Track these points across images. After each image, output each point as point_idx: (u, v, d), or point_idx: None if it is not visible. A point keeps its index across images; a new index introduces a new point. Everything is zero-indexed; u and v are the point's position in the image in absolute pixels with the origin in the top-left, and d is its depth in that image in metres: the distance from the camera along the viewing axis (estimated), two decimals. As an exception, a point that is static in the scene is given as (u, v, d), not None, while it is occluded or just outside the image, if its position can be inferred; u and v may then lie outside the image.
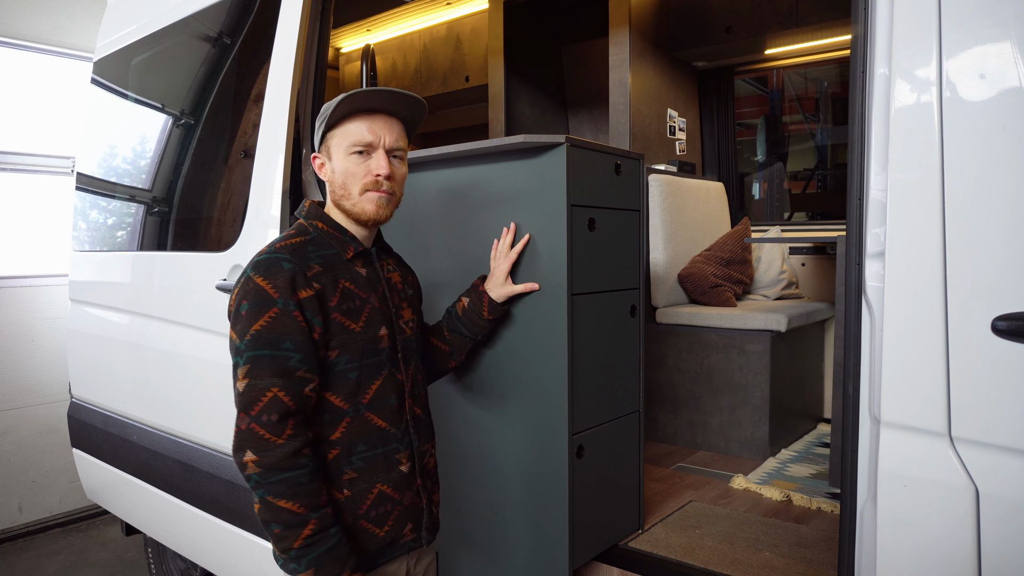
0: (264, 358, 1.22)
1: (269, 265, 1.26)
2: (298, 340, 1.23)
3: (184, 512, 2.35)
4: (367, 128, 1.35)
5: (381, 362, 1.36)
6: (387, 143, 1.37)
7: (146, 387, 2.52)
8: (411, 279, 1.55)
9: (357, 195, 1.36)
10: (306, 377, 1.24)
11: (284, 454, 1.20)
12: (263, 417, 1.20)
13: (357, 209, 1.37)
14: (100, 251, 2.86)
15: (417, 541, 1.42)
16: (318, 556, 1.21)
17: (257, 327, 1.22)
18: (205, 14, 2.41)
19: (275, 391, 1.20)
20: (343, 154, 1.36)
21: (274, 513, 1.20)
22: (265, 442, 1.19)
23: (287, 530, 1.20)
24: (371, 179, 1.35)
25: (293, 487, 1.20)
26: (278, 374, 1.21)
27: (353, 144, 1.35)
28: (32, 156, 4.02)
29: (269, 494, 1.20)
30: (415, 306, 1.52)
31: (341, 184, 1.36)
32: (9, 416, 3.76)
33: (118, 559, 3.50)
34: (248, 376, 1.22)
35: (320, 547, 1.22)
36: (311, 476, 1.22)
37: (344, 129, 1.36)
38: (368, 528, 1.33)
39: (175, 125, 2.55)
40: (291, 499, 1.20)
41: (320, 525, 1.22)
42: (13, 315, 3.80)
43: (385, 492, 1.35)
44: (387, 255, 1.50)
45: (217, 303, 2.12)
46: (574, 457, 1.66)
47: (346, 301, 1.32)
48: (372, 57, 3.54)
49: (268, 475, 1.19)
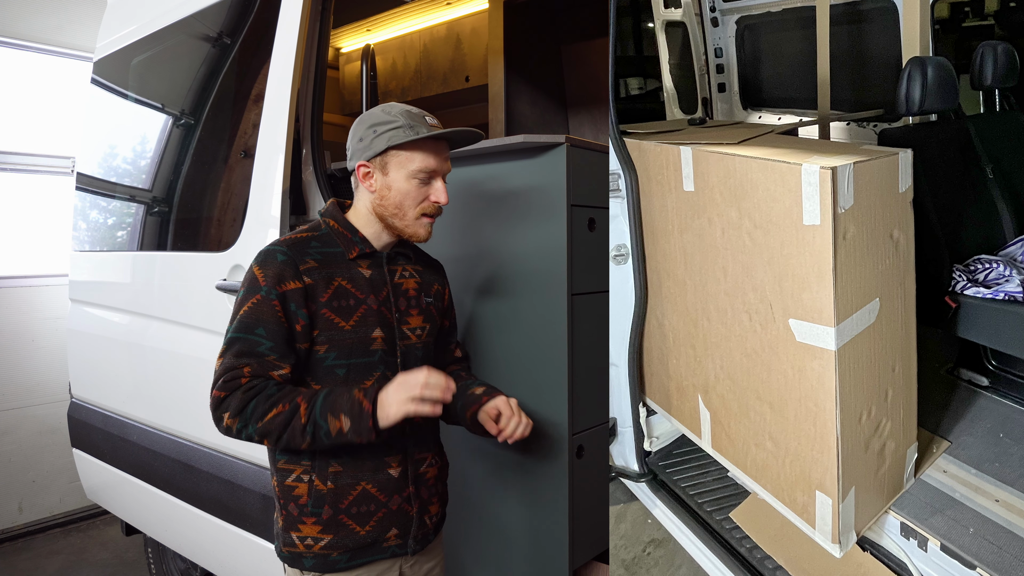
0: (239, 340, 1.29)
1: (266, 256, 1.33)
2: (271, 328, 1.29)
3: (184, 512, 2.34)
4: (434, 157, 1.37)
5: (373, 363, 1.37)
6: (445, 171, 1.40)
7: (146, 387, 2.52)
8: (435, 289, 1.53)
9: (412, 218, 1.39)
10: (275, 363, 1.29)
11: (244, 390, 1.26)
12: (219, 382, 1.27)
13: (410, 231, 1.40)
14: (100, 251, 2.86)
15: (402, 548, 1.41)
16: (322, 406, 1.26)
17: (242, 312, 1.31)
18: (205, 14, 2.41)
19: (240, 367, 1.27)
20: (404, 176, 1.36)
21: (271, 428, 1.26)
22: (227, 399, 1.26)
23: (289, 424, 1.25)
24: (430, 205, 1.39)
25: (267, 400, 1.26)
26: (246, 355, 1.28)
27: (419, 170, 1.36)
28: (32, 156, 4.02)
29: (256, 421, 1.25)
30: (431, 316, 1.50)
31: (397, 204, 1.38)
32: (9, 416, 3.76)
33: (118, 559, 3.50)
34: (222, 355, 1.30)
35: (319, 400, 1.27)
36: (278, 385, 1.28)
37: (411, 153, 1.36)
38: (348, 524, 1.34)
39: (175, 125, 2.56)
40: (272, 408, 1.25)
41: (308, 396, 1.28)
42: (13, 315, 3.80)
43: (369, 492, 1.36)
44: (407, 261, 1.49)
45: (217, 303, 2.12)
46: (574, 457, 1.66)
47: (338, 299, 1.34)
48: (372, 57, 3.54)
49: (243, 413, 1.25)
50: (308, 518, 1.34)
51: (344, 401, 1.27)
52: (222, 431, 1.28)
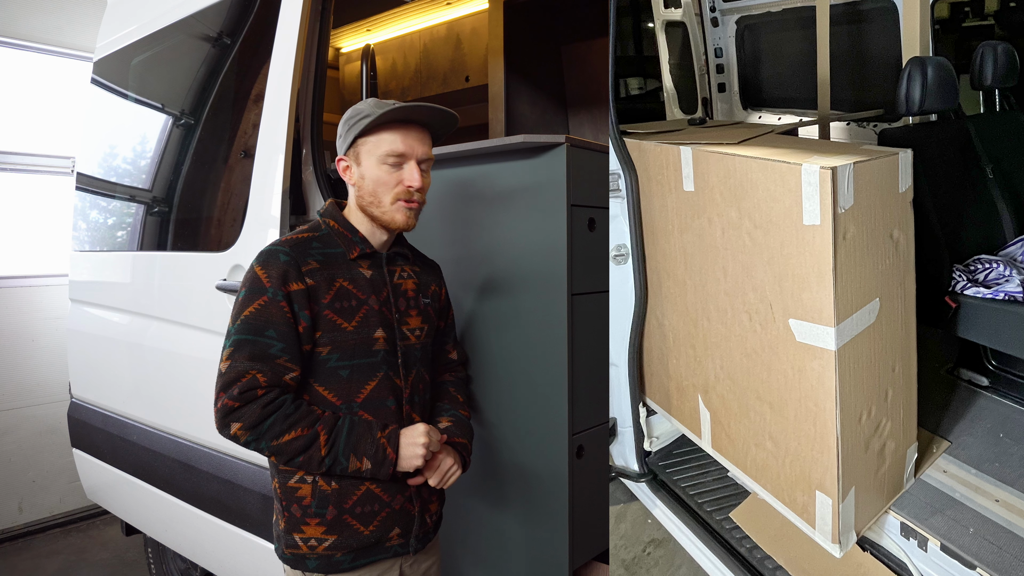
0: (247, 343, 1.27)
1: (268, 256, 1.32)
2: (281, 330, 1.28)
3: (184, 512, 2.35)
4: (401, 139, 1.36)
5: (376, 364, 1.37)
6: (419, 155, 1.38)
7: (146, 387, 2.52)
8: (432, 290, 1.53)
9: (388, 204, 1.37)
10: (287, 366, 1.29)
11: (261, 405, 1.25)
12: (234, 391, 1.25)
13: (387, 218, 1.38)
14: (100, 251, 2.86)
15: (405, 547, 1.42)
16: (345, 444, 1.27)
17: (247, 313, 1.29)
18: (205, 14, 2.41)
19: (253, 373, 1.25)
20: (375, 162, 1.36)
21: (285, 450, 1.26)
22: (241, 410, 1.24)
23: (306, 452, 1.26)
24: (403, 190, 1.37)
25: (285, 420, 1.25)
26: (258, 359, 1.26)
27: (387, 154, 1.35)
28: (32, 156, 4.02)
29: (271, 440, 1.25)
30: (429, 317, 1.50)
31: (371, 192, 1.37)
32: (9, 416, 3.76)
33: (118, 559, 3.50)
34: (230, 358, 1.27)
35: (342, 436, 1.28)
36: (295, 404, 1.28)
37: (378, 138, 1.36)
38: (352, 524, 1.34)
39: (175, 125, 2.56)
40: (290, 430, 1.25)
41: (328, 425, 1.28)
42: (13, 315, 3.80)
43: (373, 492, 1.36)
44: (406, 261, 1.49)
45: (217, 303, 2.12)
46: (574, 457, 1.65)
47: (340, 300, 1.34)
48: (372, 57, 3.53)
49: (258, 428, 1.24)
50: (312, 519, 1.34)
51: (368, 444, 1.29)
52: (226, 437, 1.27)
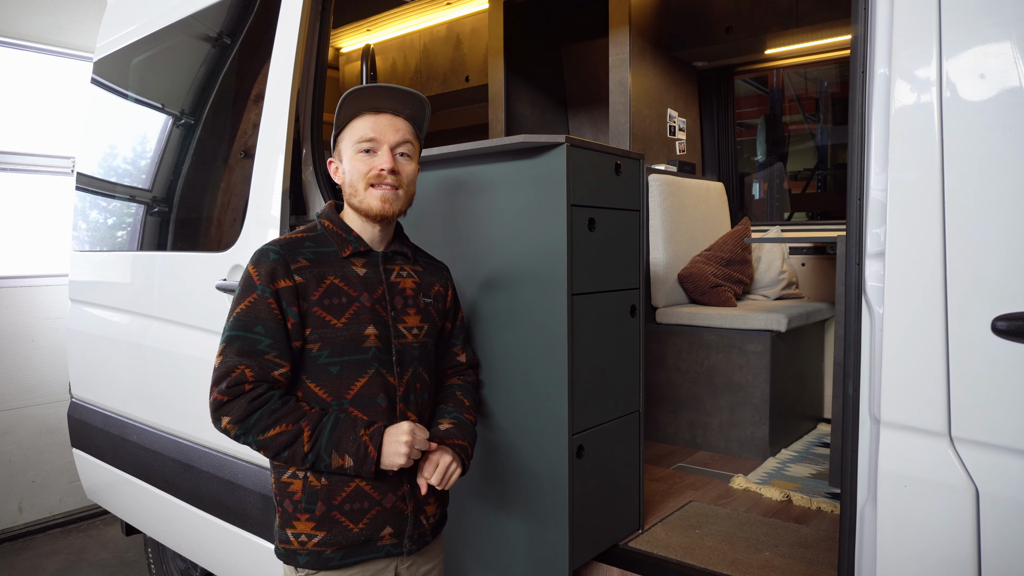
0: (237, 339, 1.31)
1: (260, 255, 1.36)
2: (269, 326, 1.31)
3: (184, 512, 2.35)
4: (371, 126, 1.39)
5: (366, 361, 1.37)
6: (392, 140, 1.40)
7: (146, 387, 2.52)
8: (436, 290, 1.52)
9: (363, 191, 1.39)
10: (275, 362, 1.31)
11: (249, 399, 1.27)
12: (223, 385, 1.28)
13: (364, 206, 1.39)
14: (100, 251, 2.86)
15: (398, 548, 1.41)
16: (328, 441, 1.29)
17: (238, 310, 1.32)
18: (205, 14, 2.41)
19: (242, 368, 1.28)
20: (351, 153, 1.40)
21: (271, 444, 1.28)
22: (230, 404, 1.27)
23: (290, 447, 1.28)
24: (374, 174, 1.38)
25: (271, 415, 1.27)
26: (247, 355, 1.29)
27: (358, 141, 1.39)
28: (32, 156, 4.02)
29: (258, 434, 1.28)
30: (430, 316, 1.49)
31: (350, 183, 1.41)
32: (9, 416, 3.76)
33: (118, 559, 3.50)
34: (222, 354, 1.31)
35: (324, 433, 1.29)
36: (282, 400, 1.30)
37: (350, 129, 1.41)
38: (341, 520, 1.35)
39: (175, 125, 2.55)
40: (275, 425, 1.27)
41: (312, 421, 1.30)
42: (13, 315, 3.80)
43: (363, 489, 1.36)
44: (405, 260, 1.50)
45: (217, 303, 2.12)
46: (574, 457, 1.66)
47: (329, 297, 1.36)
48: (372, 57, 3.54)
49: (245, 423, 1.27)
50: (302, 514, 1.35)
51: (350, 442, 1.29)
52: (219, 431, 1.31)
